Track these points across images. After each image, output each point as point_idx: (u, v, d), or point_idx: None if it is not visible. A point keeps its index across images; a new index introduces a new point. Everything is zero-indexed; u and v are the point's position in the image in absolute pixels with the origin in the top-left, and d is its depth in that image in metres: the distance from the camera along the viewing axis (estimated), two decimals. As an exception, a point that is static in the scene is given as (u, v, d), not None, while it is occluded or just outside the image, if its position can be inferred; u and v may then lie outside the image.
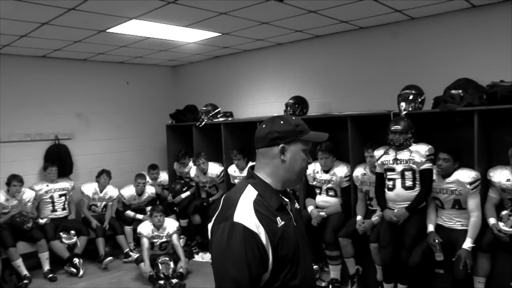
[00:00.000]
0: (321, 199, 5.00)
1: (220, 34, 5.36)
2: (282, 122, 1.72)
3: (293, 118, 1.78)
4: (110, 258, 5.82)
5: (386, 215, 4.20)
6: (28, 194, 5.73)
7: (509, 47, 4.16)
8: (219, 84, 7.14)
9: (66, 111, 6.62)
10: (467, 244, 3.76)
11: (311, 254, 1.73)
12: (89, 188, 6.30)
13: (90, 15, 4.26)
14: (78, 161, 6.68)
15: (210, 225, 1.66)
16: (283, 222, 1.63)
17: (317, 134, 1.81)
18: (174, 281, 5.09)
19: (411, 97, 4.33)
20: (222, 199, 1.73)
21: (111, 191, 6.43)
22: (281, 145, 1.70)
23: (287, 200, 1.77)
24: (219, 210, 1.66)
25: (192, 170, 6.42)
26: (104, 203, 6.37)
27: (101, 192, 6.33)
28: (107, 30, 4.92)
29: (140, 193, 6.50)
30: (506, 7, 4.17)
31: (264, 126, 1.74)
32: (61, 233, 5.67)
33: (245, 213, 1.57)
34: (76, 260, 5.60)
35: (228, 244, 1.52)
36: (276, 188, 1.72)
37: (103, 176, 6.33)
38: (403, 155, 4.15)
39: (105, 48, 5.96)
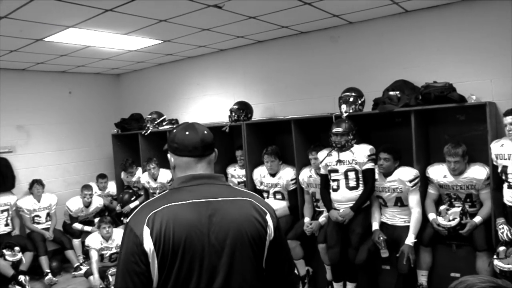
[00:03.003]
0: (269, 202, 5.03)
1: (162, 41, 5.32)
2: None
3: None
4: (51, 277, 5.63)
5: (332, 215, 4.28)
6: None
7: (440, 49, 4.36)
8: (164, 91, 7.08)
9: (5, 123, 6.35)
10: (410, 239, 3.89)
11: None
12: (26, 202, 6.11)
13: (25, 24, 4.13)
14: (21, 175, 6.43)
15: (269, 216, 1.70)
16: None
17: None
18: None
19: (351, 99, 4.45)
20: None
21: (48, 198, 6.29)
22: (215, 150, 1.78)
23: None
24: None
25: (143, 176, 6.34)
26: (46, 211, 6.21)
27: (39, 202, 6.17)
28: (44, 39, 4.78)
29: (87, 204, 6.34)
30: (436, 12, 4.37)
31: (206, 132, 1.75)
32: (4, 250, 5.44)
33: None
34: (21, 278, 5.37)
35: None
36: None
37: (35, 187, 6.16)
38: (346, 156, 4.24)
39: (45, 57, 5.79)
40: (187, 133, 1.71)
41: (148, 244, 1.49)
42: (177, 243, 1.50)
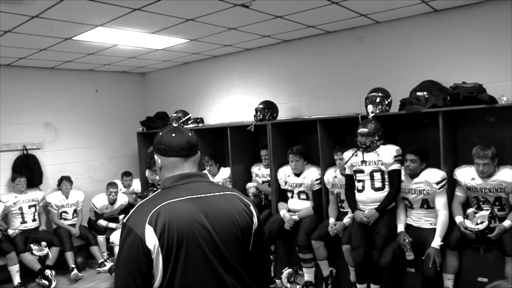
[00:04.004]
0: (293, 202, 5.03)
1: (188, 40, 5.35)
2: None
3: None
4: (76, 272, 5.72)
5: (357, 216, 4.25)
6: (-4, 207, 5.61)
7: (471, 49, 4.29)
8: (189, 90, 7.12)
9: (34, 121, 6.50)
10: (436, 242, 3.83)
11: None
12: (55, 197, 6.24)
13: (55, 23, 4.20)
14: (48, 171, 6.57)
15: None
16: None
17: None
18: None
19: (378, 99, 4.40)
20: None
21: (76, 195, 6.42)
22: (198, 152, 1.94)
23: None
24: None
25: None
26: (73, 208, 6.33)
27: (67, 198, 6.30)
28: (73, 38, 4.85)
29: (112, 202, 6.42)
30: (467, 11, 4.30)
31: (190, 134, 1.90)
32: (31, 245, 5.56)
33: None
34: (48, 272, 5.49)
35: None
36: None
37: (64, 183, 6.30)
38: (370, 156, 4.20)
39: (73, 56, 5.89)
40: (173, 135, 1.85)
41: (152, 241, 1.58)
42: (181, 236, 1.62)
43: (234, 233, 1.75)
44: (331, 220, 4.65)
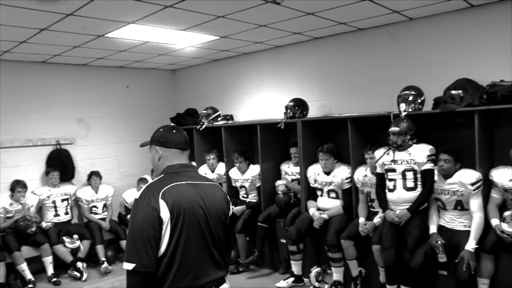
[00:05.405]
0: (323, 201, 4.99)
1: (219, 37, 5.35)
2: None
3: None
4: (106, 265, 5.82)
5: (388, 216, 4.19)
6: (31, 199, 5.78)
7: (509, 46, 4.14)
8: (219, 87, 7.13)
9: (67, 116, 6.63)
10: (470, 245, 3.73)
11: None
12: (85, 192, 6.38)
13: (88, 20, 4.26)
14: (80, 166, 6.69)
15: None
16: None
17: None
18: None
19: (410, 98, 4.32)
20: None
21: (105, 190, 6.55)
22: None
23: None
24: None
25: (201, 168, 6.43)
26: (103, 202, 6.45)
27: (96, 193, 6.42)
28: (106, 35, 4.91)
29: (142, 197, 6.48)
30: (505, 6, 4.15)
31: (185, 133, 2.29)
32: (64, 238, 5.70)
33: None
34: (79, 264, 5.63)
35: None
36: None
37: (93, 178, 6.42)
38: (401, 156, 4.14)
39: (105, 53, 5.96)
40: (174, 131, 2.25)
41: (165, 213, 1.93)
42: (186, 212, 1.99)
43: (220, 215, 2.15)
44: (361, 219, 4.60)
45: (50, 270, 5.52)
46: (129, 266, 1.88)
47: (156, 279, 1.94)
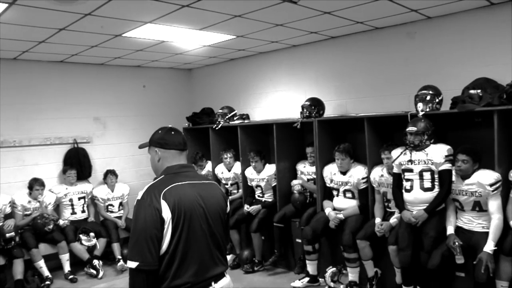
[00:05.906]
0: (339, 201, 4.97)
1: (235, 36, 5.36)
2: None
3: None
4: (122, 263, 5.86)
5: (405, 216, 4.15)
6: (49, 197, 5.86)
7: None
8: (235, 86, 7.14)
9: (84, 115, 6.71)
10: (489, 247, 3.67)
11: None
12: (101, 191, 6.45)
13: (106, 20, 4.30)
14: (96, 164, 6.76)
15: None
16: None
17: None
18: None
19: (428, 97, 4.26)
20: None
21: (121, 188, 6.61)
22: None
23: None
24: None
25: (218, 167, 6.45)
26: (119, 201, 6.52)
27: (112, 191, 6.49)
28: (123, 35, 4.96)
29: (158, 195, 6.53)
30: (526, 4, 4.10)
31: (183, 134, 2.36)
32: (80, 235, 5.77)
33: None
34: (96, 262, 5.70)
35: None
36: None
37: (109, 177, 6.49)
38: (418, 156, 4.10)
39: (122, 52, 6.01)
40: (172, 133, 2.30)
41: (166, 213, 1.99)
42: (186, 212, 2.05)
43: (219, 214, 2.24)
44: (377, 220, 4.57)
45: (67, 267, 5.59)
46: (132, 264, 1.95)
47: (158, 276, 2.01)
